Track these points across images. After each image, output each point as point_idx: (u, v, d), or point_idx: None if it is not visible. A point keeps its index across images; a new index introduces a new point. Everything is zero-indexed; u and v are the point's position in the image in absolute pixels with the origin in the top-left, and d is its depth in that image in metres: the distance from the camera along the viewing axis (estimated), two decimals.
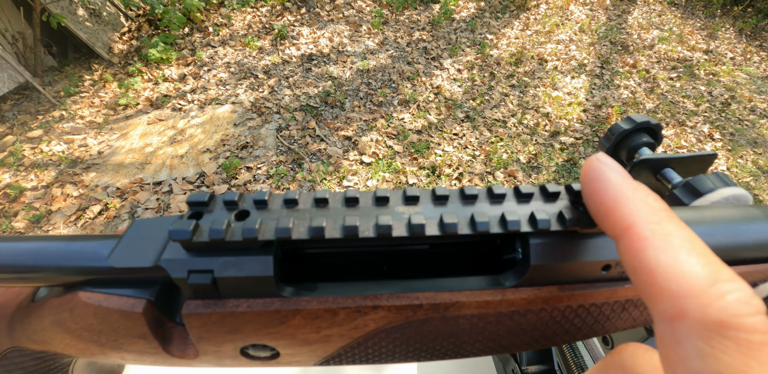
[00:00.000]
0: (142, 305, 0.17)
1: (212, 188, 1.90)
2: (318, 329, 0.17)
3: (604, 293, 0.18)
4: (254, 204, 0.16)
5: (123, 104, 2.24)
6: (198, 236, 0.15)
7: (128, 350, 0.19)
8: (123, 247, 0.17)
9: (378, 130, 2.25)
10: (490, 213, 0.16)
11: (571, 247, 0.17)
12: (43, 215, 1.73)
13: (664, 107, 2.57)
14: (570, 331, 0.19)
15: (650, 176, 0.34)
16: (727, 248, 0.19)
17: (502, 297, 0.17)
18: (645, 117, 0.36)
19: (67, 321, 0.18)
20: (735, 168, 2.19)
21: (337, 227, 0.15)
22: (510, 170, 2.09)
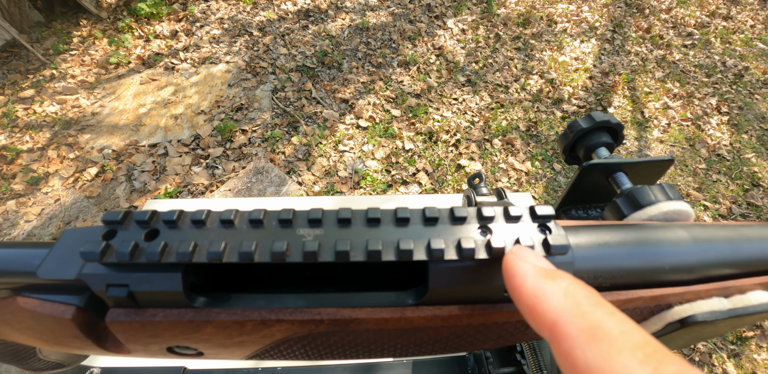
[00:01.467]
0: (71, 311, 0.19)
1: (208, 150, 1.89)
2: (230, 336, 0.19)
3: (505, 314, 0.19)
4: (164, 223, 0.17)
5: (114, 63, 2.17)
6: (108, 256, 0.16)
7: (70, 345, 0.21)
8: (51, 258, 0.18)
9: (376, 93, 2.19)
10: (389, 239, 0.17)
11: (470, 272, 0.17)
12: (41, 177, 1.74)
13: (674, 76, 2.47)
14: (475, 343, 0.21)
15: (603, 178, 0.33)
16: (643, 271, 0.20)
17: (401, 315, 0.18)
18: (606, 116, 0.34)
19: (11, 321, 0.20)
20: (738, 143, 2.14)
21: (234, 251, 0.16)
22: (508, 138, 2.05)
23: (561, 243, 0.17)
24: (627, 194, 0.28)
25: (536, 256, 0.16)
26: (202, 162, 1.87)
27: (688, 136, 2.17)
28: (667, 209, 0.26)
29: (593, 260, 0.19)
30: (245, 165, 1.88)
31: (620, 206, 0.28)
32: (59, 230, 1.62)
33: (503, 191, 0.60)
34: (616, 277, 0.19)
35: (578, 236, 0.20)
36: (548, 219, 0.18)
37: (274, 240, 0.17)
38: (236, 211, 0.18)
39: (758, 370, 1.40)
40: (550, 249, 0.17)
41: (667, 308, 0.20)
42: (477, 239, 0.17)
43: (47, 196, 1.71)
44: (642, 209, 0.27)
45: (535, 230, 0.18)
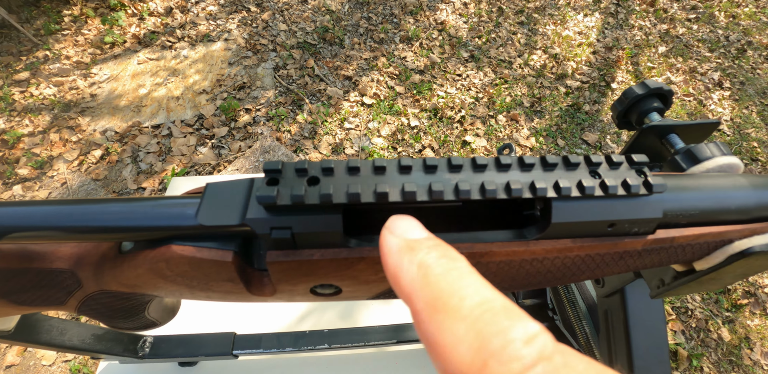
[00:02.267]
0: (230, 255, 0.20)
1: (212, 130, 1.87)
2: (377, 272, 0.21)
3: (607, 245, 0.22)
4: (321, 171, 0.19)
5: (109, 42, 2.11)
6: (281, 200, 0.18)
7: (215, 290, 0.22)
8: (205, 208, 0.20)
9: (379, 69, 2.16)
10: (522, 180, 0.19)
11: (584, 208, 0.20)
12: (45, 161, 1.72)
13: (677, 51, 2.46)
14: (575, 274, 0.24)
15: (656, 140, 0.37)
16: (713, 212, 0.23)
17: (527, 248, 0.21)
18: (659, 83, 0.37)
19: (163, 269, 0.21)
20: (738, 119, 2.16)
21: (397, 192, 0.18)
22: (513, 114, 2.05)
23: (659, 182, 0.20)
24: (686, 151, 0.31)
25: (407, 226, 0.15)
26: (207, 142, 1.85)
27: (690, 111, 2.18)
28: (723, 162, 0.30)
29: (676, 201, 0.22)
30: (251, 144, 1.86)
31: (680, 162, 0.32)
32: None
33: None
34: (692, 216, 0.23)
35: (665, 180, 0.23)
36: (643, 165, 0.21)
37: (431, 182, 0.19)
38: (386, 160, 0.19)
39: (751, 335, 1.46)
40: (652, 188, 0.20)
41: (729, 243, 0.24)
42: (593, 180, 0.20)
43: (53, 180, 1.69)
44: (700, 163, 0.30)
45: (633, 174, 0.21)
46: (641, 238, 0.22)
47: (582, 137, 2.02)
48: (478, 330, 0.10)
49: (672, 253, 0.24)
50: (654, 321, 0.39)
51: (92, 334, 0.53)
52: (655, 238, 0.22)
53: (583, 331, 0.50)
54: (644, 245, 0.22)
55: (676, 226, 0.23)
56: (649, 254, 0.23)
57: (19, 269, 0.24)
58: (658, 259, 0.24)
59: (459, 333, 0.10)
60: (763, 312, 1.51)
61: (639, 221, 0.21)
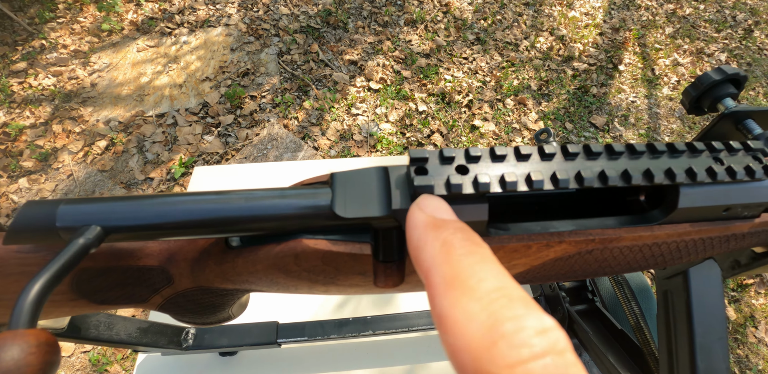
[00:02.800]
0: (368, 248, 0.20)
1: (218, 118, 1.84)
2: (512, 259, 0.21)
3: (720, 229, 0.23)
4: (467, 159, 0.18)
5: (107, 30, 2.05)
6: (438, 189, 0.17)
7: (340, 284, 0.22)
8: (341, 198, 0.19)
9: (384, 53, 2.13)
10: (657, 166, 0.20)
11: (708, 193, 0.21)
12: (49, 153, 1.69)
13: (684, 31, 2.43)
14: (683, 257, 0.25)
15: (732, 126, 0.37)
16: None
17: (651, 233, 0.21)
18: (735, 69, 0.37)
19: (290, 264, 0.20)
20: (745, 100, 2.16)
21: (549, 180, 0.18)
22: (521, 98, 2.04)
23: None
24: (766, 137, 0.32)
25: (437, 206, 0.16)
26: (213, 130, 1.82)
27: None
28: None
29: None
30: (258, 132, 1.84)
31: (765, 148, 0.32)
32: None
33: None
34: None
35: None
36: (758, 152, 0.21)
37: (580, 169, 0.19)
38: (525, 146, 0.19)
39: (756, 314, 1.49)
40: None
41: None
42: (717, 166, 0.20)
43: (59, 172, 1.67)
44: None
45: (751, 160, 0.21)
46: (749, 221, 0.23)
47: (590, 120, 2.01)
48: (493, 311, 0.10)
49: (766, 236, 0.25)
50: (715, 301, 0.40)
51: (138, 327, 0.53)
52: (761, 221, 0.23)
53: (633, 312, 0.51)
54: (750, 228, 0.23)
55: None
56: (752, 236, 0.24)
57: (105, 268, 0.23)
58: (756, 241, 0.25)
59: (473, 310, 0.10)
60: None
61: (751, 205, 0.22)
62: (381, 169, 0.20)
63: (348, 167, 0.94)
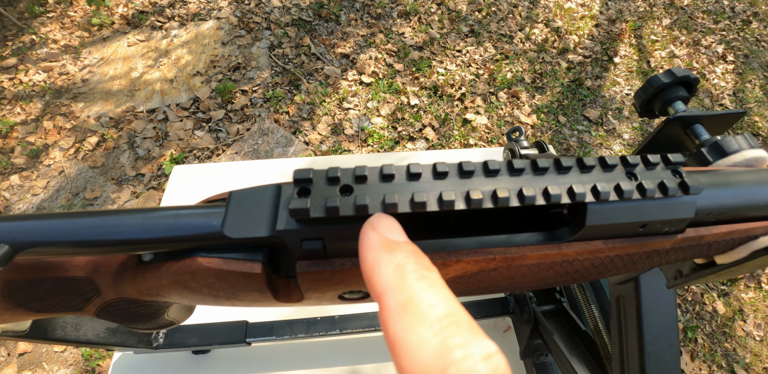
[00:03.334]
0: (259, 267, 0.20)
1: (209, 114, 1.84)
2: None
3: (637, 246, 0.22)
4: (354, 179, 0.18)
5: (97, 24, 2.04)
6: (314, 211, 0.17)
7: (242, 299, 0.22)
8: (232, 218, 0.19)
9: (377, 46, 2.11)
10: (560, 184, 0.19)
11: (618, 210, 0.20)
12: (40, 149, 1.70)
13: (681, 23, 2.39)
14: (602, 272, 0.24)
15: (680, 130, 0.36)
16: (743, 208, 0.23)
17: (558, 251, 0.21)
18: (685, 71, 0.36)
19: (188, 280, 0.21)
20: (741, 93, 2.12)
21: (434, 200, 0.18)
22: (514, 91, 2.02)
23: (696, 184, 0.20)
24: (713, 143, 0.31)
25: (389, 226, 0.16)
26: (204, 126, 1.82)
27: None
28: (750, 156, 0.29)
29: (708, 199, 0.22)
30: (249, 127, 1.84)
31: (706, 155, 0.31)
32: (68, 201, 1.61)
33: (544, 143, 0.61)
34: (722, 213, 0.23)
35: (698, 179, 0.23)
36: (678, 165, 0.21)
37: (469, 189, 0.18)
38: (419, 164, 0.19)
39: (745, 307, 1.49)
40: (689, 190, 0.20)
41: (754, 238, 0.24)
42: (628, 183, 0.19)
43: (50, 168, 1.68)
44: (727, 157, 0.30)
45: (669, 175, 0.20)
46: (671, 237, 0.22)
47: (584, 114, 1.99)
48: (444, 338, 0.11)
49: (698, 250, 0.24)
50: (666, 308, 0.40)
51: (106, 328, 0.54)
52: (684, 237, 0.22)
53: (592, 315, 0.51)
54: (673, 244, 0.22)
55: (705, 224, 0.23)
56: (676, 251, 0.23)
57: (35, 280, 0.24)
58: (683, 256, 0.24)
59: (426, 337, 0.11)
60: (757, 285, 1.54)
61: (671, 222, 0.21)
62: (274, 187, 0.20)
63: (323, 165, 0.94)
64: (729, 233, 0.23)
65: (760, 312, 1.48)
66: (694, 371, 1.35)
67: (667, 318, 0.40)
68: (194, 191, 0.87)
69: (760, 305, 1.50)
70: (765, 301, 1.50)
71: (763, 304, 1.50)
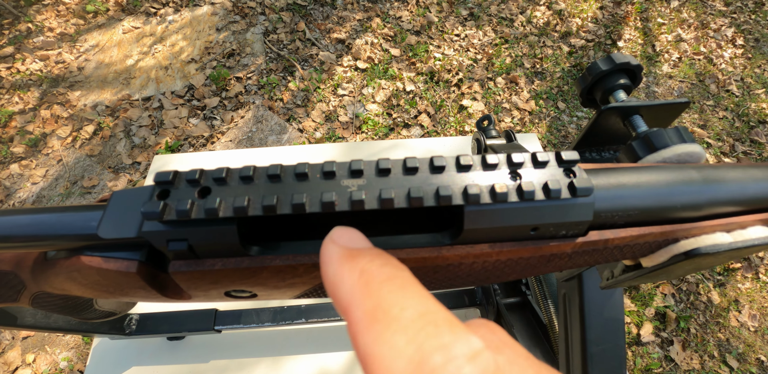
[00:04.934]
0: (135, 266, 0.20)
1: (203, 101, 1.84)
2: (284, 279, 0.20)
3: (530, 249, 0.20)
4: (214, 181, 0.18)
5: (92, 11, 2.04)
6: (167, 214, 0.17)
7: (134, 295, 0.23)
8: (108, 219, 0.19)
9: (373, 31, 2.07)
10: (426, 186, 0.18)
11: (500, 213, 0.18)
12: (38, 138, 1.72)
13: (690, 4, 2.29)
14: (500, 276, 0.23)
15: (618, 121, 0.33)
16: (656, 210, 0.21)
17: (438, 254, 0.20)
18: (626, 57, 0.34)
19: (77, 278, 0.22)
20: (749, 78, 2.04)
21: (287, 203, 0.17)
22: (512, 76, 1.97)
23: (585, 186, 0.18)
24: (643, 136, 0.28)
25: (351, 236, 0.15)
26: (199, 113, 1.82)
27: (698, 71, 2.07)
28: (681, 151, 0.27)
29: (611, 200, 0.21)
30: (243, 114, 1.83)
31: (636, 149, 0.29)
32: (67, 190, 1.63)
33: (512, 132, 0.59)
34: (631, 215, 0.21)
35: (598, 179, 0.21)
36: (573, 164, 0.19)
37: (323, 191, 0.18)
38: (281, 166, 0.18)
39: (740, 298, 1.47)
40: (576, 192, 0.18)
41: (674, 242, 0.22)
42: (509, 184, 0.18)
43: (49, 157, 1.70)
44: (657, 152, 0.28)
45: (561, 174, 0.19)
46: (570, 241, 0.20)
47: None
48: (419, 343, 0.10)
49: (608, 254, 0.22)
50: (611, 307, 0.38)
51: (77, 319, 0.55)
52: (586, 240, 0.20)
53: (548, 310, 0.50)
54: (574, 248, 0.21)
55: (613, 226, 0.21)
56: (581, 255, 0.22)
57: None
58: (593, 259, 0.23)
59: (398, 345, 0.10)
60: (755, 275, 1.51)
61: (566, 225, 0.19)
62: (150, 188, 0.19)
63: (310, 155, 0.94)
64: (640, 236, 0.21)
65: (756, 303, 1.46)
66: (686, 361, 1.35)
67: (613, 318, 0.39)
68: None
69: (756, 295, 1.47)
70: (761, 292, 1.48)
71: (760, 295, 1.48)
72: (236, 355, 0.67)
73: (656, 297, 1.45)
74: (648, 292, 1.46)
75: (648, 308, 1.42)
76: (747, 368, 1.34)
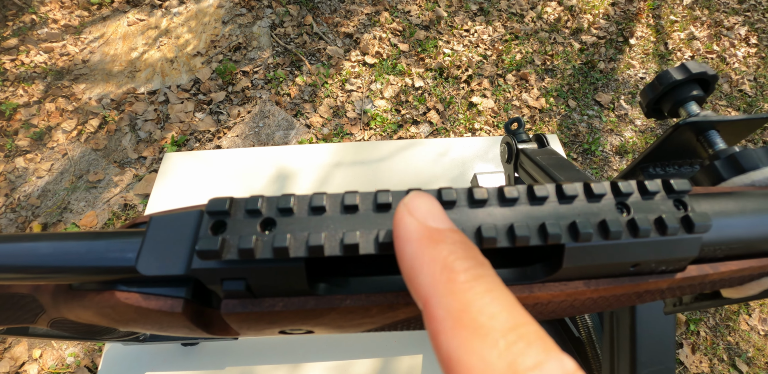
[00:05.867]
0: (180, 305, 0.18)
1: (209, 95, 1.82)
2: (352, 319, 0.18)
3: (627, 287, 0.18)
4: (279, 212, 0.16)
5: (96, 3, 2.00)
6: (227, 253, 0.15)
7: (174, 333, 0.20)
8: (147, 251, 0.17)
9: (382, 25, 2.04)
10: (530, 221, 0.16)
11: (604, 249, 0.17)
12: (43, 132, 1.70)
13: (703, 2, 2.25)
14: (582, 311, 0.21)
15: (692, 136, 0.31)
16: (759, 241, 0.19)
17: (529, 293, 0.18)
18: (702, 67, 0.30)
19: (110, 314, 0.19)
20: (762, 78, 2.01)
21: (370, 241, 0.15)
22: (522, 73, 1.94)
23: (704, 222, 0.16)
24: (729, 156, 0.26)
25: (429, 209, 0.13)
26: (205, 108, 1.80)
27: None
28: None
29: (717, 232, 0.18)
30: (250, 109, 1.81)
31: (720, 170, 0.26)
32: (72, 184, 1.62)
33: (545, 137, 0.56)
34: (733, 249, 0.19)
35: (700, 206, 0.19)
36: (683, 195, 0.17)
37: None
38: (357, 194, 0.16)
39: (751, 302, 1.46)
40: (693, 228, 0.16)
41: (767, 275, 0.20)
42: (618, 219, 0.16)
43: (54, 151, 1.69)
44: (746, 173, 0.25)
45: (670, 206, 0.17)
46: (669, 277, 0.18)
47: (594, 98, 1.92)
48: (512, 359, 0.09)
49: (700, 287, 0.20)
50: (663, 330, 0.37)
51: None
52: (685, 276, 0.18)
53: (585, 324, 0.49)
54: (671, 284, 0.19)
55: (712, 260, 0.19)
56: (673, 290, 0.20)
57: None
58: (682, 292, 0.21)
59: (489, 358, 0.09)
60: None
61: (669, 261, 0.17)
62: (196, 214, 0.17)
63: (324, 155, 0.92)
64: (740, 270, 0.19)
65: (767, 307, 1.45)
66: (695, 364, 1.34)
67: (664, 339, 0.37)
68: (186, 180, 0.86)
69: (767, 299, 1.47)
70: None
71: None
72: (252, 362, 0.66)
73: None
74: None
75: None
76: (756, 371, 1.33)
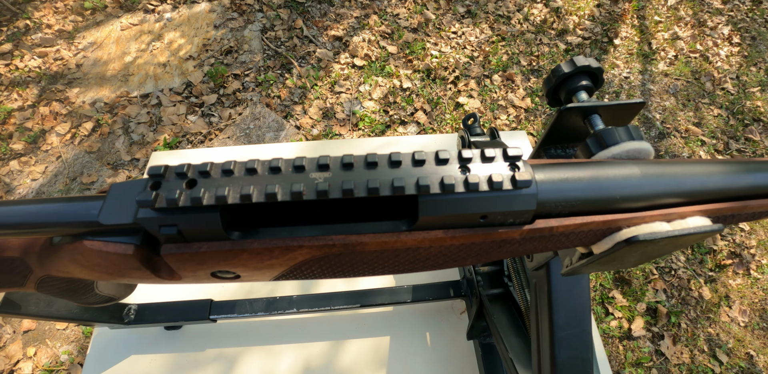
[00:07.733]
0: (131, 248, 0.23)
1: (201, 98, 1.85)
2: (262, 260, 0.23)
3: (480, 235, 0.23)
4: (199, 174, 0.21)
5: (90, 8, 2.04)
6: (159, 202, 0.20)
7: (131, 276, 0.26)
8: (107, 207, 0.22)
9: (371, 28, 2.08)
10: (385, 178, 0.20)
11: (450, 203, 0.21)
12: (38, 135, 1.73)
13: (687, 3, 2.30)
14: (457, 260, 0.25)
15: (579, 120, 0.35)
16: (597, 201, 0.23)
17: (397, 239, 0.22)
18: (587, 60, 0.35)
19: (80, 260, 0.24)
20: (745, 77, 2.05)
21: (261, 193, 0.20)
22: (509, 73, 1.98)
23: (525, 178, 0.21)
24: (595, 134, 0.30)
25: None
26: (197, 110, 1.84)
27: (694, 69, 2.08)
28: (629, 148, 0.29)
29: (554, 192, 0.23)
30: (241, 111, 1.85)
31: (589, 146, 0.31)
32: (66, 186, 1.65)
33: (496, 130, 0.62)
34: (575, 205, 0.23)
35: (544, 173, 0.23)
36: (517, 159, 0.22)
37: (293, 182, 0.20)
38: (258, 160, 0.21)
39: (731, 294, 1.49)
40: (517, 184, 0.21)
41: (617, 230, 0.24)
42: (457, 177, 0.21)
43: (48, 154, 1.72)
44: (607, 148, 0.29)
45: (505, 168, 0.21)
46: (517, 228, 0.23)
47: None
48: None
49: (556, 241, 0.24)
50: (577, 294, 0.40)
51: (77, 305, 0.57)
52: (533, 228, 0.23)
53: (525, 299, 0.52)
54: (522, 235, 0.23)
55: (558, 215, 0.23)
56: (530, 241, 0.24)
57: None
58: (543, 246, 0.25)
59: None
60: (746, 272, 1.53)
61: (512, 213, 0.22)
62: (145, 181, 0.22)
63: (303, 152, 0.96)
64: (583, 224, 0.23)
65: (747, 299, 1.48)
66: (676, 355, 1.37)
67: (579, 304, 0.40)
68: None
69: (747, 291, 1.49)
70: (752, 288, 1.50)
71: (750, 291, 1.49)
72: (231, 344, 0.69)
73: (648, 293, 1.46)
74: (640, 287, 1.48)
75: (640, 303, 1.44)
76: (736, 362, 1.36)
